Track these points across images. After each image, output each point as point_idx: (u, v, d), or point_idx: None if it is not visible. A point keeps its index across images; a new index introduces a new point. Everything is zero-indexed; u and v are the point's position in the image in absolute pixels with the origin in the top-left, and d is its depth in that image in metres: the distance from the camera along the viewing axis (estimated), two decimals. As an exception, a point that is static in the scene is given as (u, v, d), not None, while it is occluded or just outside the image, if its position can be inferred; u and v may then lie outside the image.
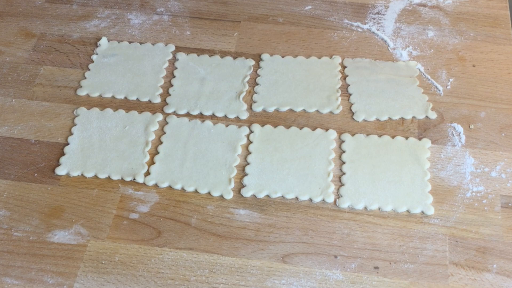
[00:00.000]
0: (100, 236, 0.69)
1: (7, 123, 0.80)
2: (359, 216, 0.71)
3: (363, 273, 0.66)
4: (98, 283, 0.65)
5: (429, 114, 0.81)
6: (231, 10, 0.97)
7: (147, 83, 0.85)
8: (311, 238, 0.69)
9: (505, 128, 0.80)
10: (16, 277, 0.66)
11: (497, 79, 0.86)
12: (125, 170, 0.75)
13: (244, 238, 0.69)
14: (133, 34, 0.92)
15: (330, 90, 0.84)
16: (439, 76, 0.86)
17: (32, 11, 0.96)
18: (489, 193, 0.73)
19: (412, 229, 0.70)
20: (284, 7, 0.97)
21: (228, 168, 0.75)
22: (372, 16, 0.95)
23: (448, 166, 0.76)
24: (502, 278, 0.66)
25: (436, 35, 0.92)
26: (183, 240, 0.69)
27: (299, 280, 0.66)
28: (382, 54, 0.89)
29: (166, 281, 0.66)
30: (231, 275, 0.66)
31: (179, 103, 0.83)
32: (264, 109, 0.82)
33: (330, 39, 0.92)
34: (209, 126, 0.80)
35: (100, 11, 0.96)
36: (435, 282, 0.66)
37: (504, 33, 0.92)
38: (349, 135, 0.79)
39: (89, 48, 0.90)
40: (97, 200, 0.73)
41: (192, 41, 0.91)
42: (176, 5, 0.97)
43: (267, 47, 0.90)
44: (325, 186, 0.73)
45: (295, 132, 0.79)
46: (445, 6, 0.97)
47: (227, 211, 0.72)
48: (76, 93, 0.84)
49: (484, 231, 0.70)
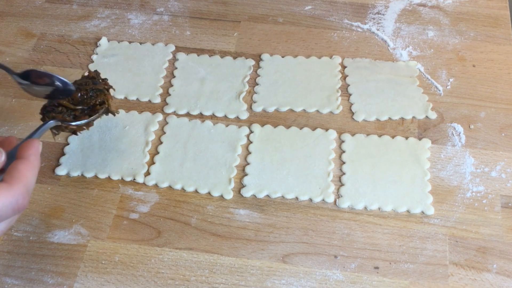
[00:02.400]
0: (100, 236, 0.69)
1: (7, 123, 0.80)
2: (359, 216, 0.71)
3: (363, 273, 0.66)
4: (98, 283, 0.65)
5: (429, 114, 0.81)
6: (231, 10, 0.97)
7: (147, 83, 0.85)
8: (311, 238, 0.69)
9: (505, 128, 0.80)
10: (16, 277, 0.66)
11: (497, 79, 0.86)
12: (125, 170, 0.75)
13: (244, 238, 0.69)
14: (133, 34, 0.92)
15: (330, 90, 0.84)
16: (439, 76, 0.86)
17: (32, 11, 0.96)
18: (489, 193, 0.73)
19: (412, 229, 0.70)
20: (284, 7, 0.97)
21: (228, 168, 0.75)
22: (372, 16, 0.95)
23: (448, 166, 0.76)
24: (502, 278, 0.66)
25: (436, 35, 0.92)
26: (183, 240, 0.69)
27: (299, 280, 0.66)
28: (382, 54, 0.89)
29: (166, 281, 0.66)
30: (231, 275, 0.66)
31: (179, 103, 0.83)
32: (264, 109, 0.82)
33: (330, 39, 0.92)
34: (209, 126, 0.80)
35: (100, 11, 0.96)
36: (435, 282, 0.66)
37: (504, 33, 0.92)
38: (349, 135, 0.79)
39: (89, 48, 0.90)
40: (97, 200, 0.73)
41: (192, 41, 0.91)
42: (176, 5, 0.97)
43: (267, 47, 0.90)
44: (325, 186, 0.73)
45: (295, 132, 0.79)
46: (445, 6, 0.97)
47: (227, 211, 0.72)
48: (76, 93, 0.84)
49: (484, 231, 0.70)
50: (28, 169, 0.52)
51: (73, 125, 0.67)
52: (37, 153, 0.54)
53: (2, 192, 0.49)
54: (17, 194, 0.50)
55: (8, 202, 0.49)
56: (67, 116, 0.67)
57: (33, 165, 0.53)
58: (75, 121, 0.67)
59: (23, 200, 0.51)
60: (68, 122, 0.67)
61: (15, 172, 0.51)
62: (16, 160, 0.53)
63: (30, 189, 0.52)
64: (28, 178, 0.52)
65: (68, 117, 0.67)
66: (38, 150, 0.55)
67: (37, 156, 0.54)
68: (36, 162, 0.54)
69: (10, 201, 0.50)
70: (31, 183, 0.52)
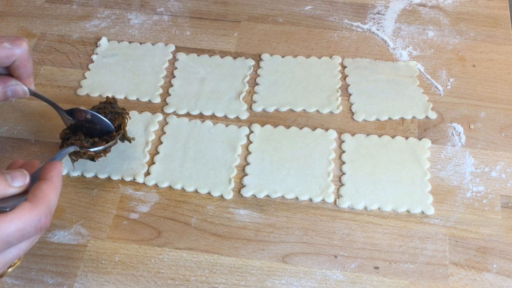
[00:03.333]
0: (100, 236, 0.69)
1: (7, 123, 0.80)
2: (359, 216, 0.71)
3: (363, 273, 0.66)
4: (98, 283, 0.65)
5: (429, 114, 0.81)
6: (231, 10, 0.97)
7: (147, 83, 0.85)
8: (311, 238, 0.69)
9: (505, 128, 0.80)
10: (16, 277, 0.66)
11: (497, 79, 0.86)
12: (125, 170, 0.75)
13: (244, 238, 0.69)
14: (133, 34, 0.92)
15: (330, 90, 0.84)
16: (439, 76, 0.86)
17: (32, 11, 0.96)
18: (489, 193, 0.73)
19: (412, 229, 0.70)
20: (284, 7, 0.97)
21: (228, 168, 0.75)
22: (372, 16, 0.95)
23: (448, 166, 0.76)
24: (502, 278, 0.66)
25: (436, 35, 0.92)
26: (183, 240, 0.69)
27: (299, 280, 0.66)
28: (382, 54, 0.89)
29: (166, 281, 0.66)
30: (231, 275, 0.66)
31: (179, 103, 0.83)
32: (264, 109, 0.82)
33: (330, 39, 0.92)
34: (209, 126, 0.80)
35: (100, 11, 0.96)
36: (435, 282, 0.66)
37: (504, 33, 0.92)
38: (349, 135, 0.79)
39: (89, 48, 0.90)
40: (97, 200, 0.73)
41: (192, 41, 0.91)
42: (176, 5, 0.97)
43: (267, 47, 0.90)
44: (325, 186, 0.73)
45: (295, 132, 0.79)
46: (445, 6, 0.97)
47: (227, 211, 0.72)
48: (76, 93, 0.84)
49: (484, 231, 0.70)
50: (51, 190, 0.54)
51: (92, 151, 0.69)
52: (59, 174, 0.56)
53: (26, 211, 0.51)
54: (40, 214, 0.51)
55: (32, 221, 0.51)
56: (85, 143, 0.69)
57: (55, 186, 0.54)
58: (93, 147, 0.69)
59: (45, 219, 0.52)
60: (86, 148, 0.69)
61: (38, 192, 0.53)
62: (39, 181, 0.54)
63: (52, 209, 0.54)
64: (51, 198, 0.53)
65: (86, 143, 0.69)
66: (60, 172, 0.56)
67: (59, 177, 0.56)
68: (58, 183, 0.55)
69: (33, 220, 0.51)
70: (53, 203, 0.54)
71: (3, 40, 0.64)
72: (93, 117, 0.71)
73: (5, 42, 0.63)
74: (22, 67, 0.66)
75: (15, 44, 0.64)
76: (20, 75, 0.67)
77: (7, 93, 0.67)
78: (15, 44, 0.64)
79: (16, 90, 0.67)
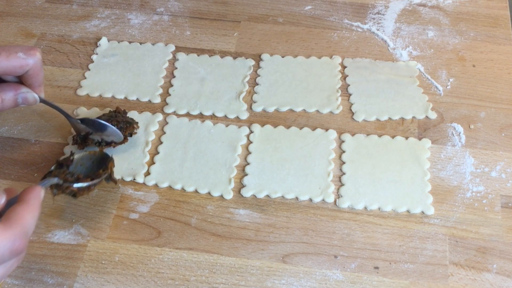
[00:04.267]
0: (100, 236, 0.69)
1: (7, 123, 0.80)
2: (359, 216, 0.71)
3: (363, 273, 0.66)
4: (98, 283, 0.65)
5: (429, 114, 0.81)
6: (231, 10, 0.97)
7: (147, 83, 0.85)
8: (311, 238, 0.69)
9: (505, 128, 0.80)
10: (16, 277, 0.66)
11: (497, 79, 0.86)
12: (125, 170, 0.75)
13: (244, 238, 0.69)
14: (133, 34, 0.92)
15: (330, 90, 0.84)
16: (439, 76, 0.86)
17: (32, 11, 0.96)
18: (489, 193, 0.73)
19: (412, 229, 0.70)
20: (284, 7, 0.97)
21: (228, 168, 0.75)
22: (372, 16, 0.95)
23: (448, 166, 0.76)
24: (502, 278, 0.66)
25: (436, 35, 0.92)
26: (183, 240, 0.69)
27: (299, 280, 0.66)
28: (382, 54, 0.89)
29: (166, 281, 0.66)
30: (231, 275, 0.66)
31: (179, 103, 0.83)
32: (264, 109, 0.82)
33: (330, 39, 0.92)
34: (209, 126, 0.80)
35: (100, 11, 0.96)
36: (435, 282, 0.66)
37: (504, 33, 0.92)
38: (349, 135, 0.79)
39: (89, 48, 0.90)
40: (97, 200, 0.73)
41: (192, 41, 0.91)
42: (176, 5, 0.97)
43: (267, 47, 0.90)
44: (325, 186, 0.73)
45: (295, 132, 0.79)
46: (445, 6, 0.97)
47: (227, 211, 0.72)
48: (76, 93, 0.84)
49: (484, 231, 0.70)
50: (27, 212, 0.52)
51: (74, 187, 0.65)
52: (37, 198, 0.54)
53: None
54: (13, 235, 0.49)
55: (5, 244, 0.49)
56: (69, 177, 0.66)
57: (32, 208, 0.52)
58: (76, 182, 0.66)
59: (20, 241, 0.50)
60: (70, 183, 0.65)
61: (12, 214, 0.51)
62: (15, 204, 0.53)
63: (29, 232, 0.51)
64: (26, 220, 0.51)
65: (71, 177, 0.66)
66: (39, 196, 0.54)
67: (38, 201, 0.54)
68: (35, 206, 0.53)
69: (7, 242, 0.49)
70: (29, 226, 0.51)
71: (17, 50, 0.63)
72: (102, 126, 0.72)
73: (20, 52, 0.63)
74: (35, 76, 0.66)
75: (29, 54, 0.64)
76: (32, 83, 0.67)
77: (18, 100, 0.67)
78: (29, 55, 0.64)
79: (27, 98, 0.68)
